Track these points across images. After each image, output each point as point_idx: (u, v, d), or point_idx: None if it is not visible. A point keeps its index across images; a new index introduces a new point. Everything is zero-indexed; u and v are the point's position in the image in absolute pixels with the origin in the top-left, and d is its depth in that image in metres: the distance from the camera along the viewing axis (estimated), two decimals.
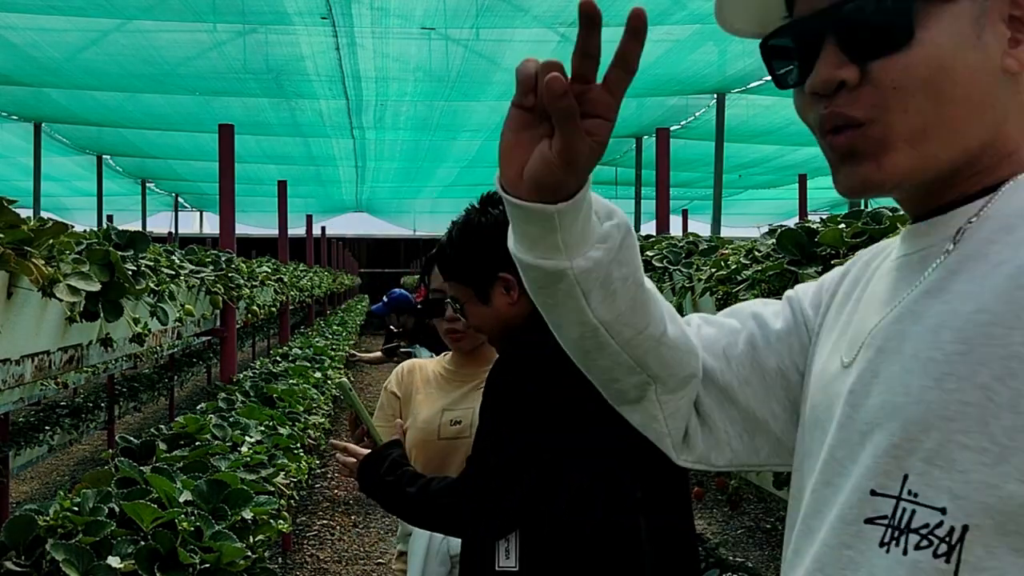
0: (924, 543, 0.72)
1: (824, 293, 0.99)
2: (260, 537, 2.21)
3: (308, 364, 5.84)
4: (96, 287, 2.18)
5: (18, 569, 1.82)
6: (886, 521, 0.75)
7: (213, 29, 6.94)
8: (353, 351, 8.46)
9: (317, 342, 7.43)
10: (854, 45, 0.79)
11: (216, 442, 2.95)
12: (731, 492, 3.59)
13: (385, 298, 8.05)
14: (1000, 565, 0.69)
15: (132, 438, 2.84)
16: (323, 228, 19.93)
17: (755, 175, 14.14)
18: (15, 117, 10.04)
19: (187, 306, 3.34)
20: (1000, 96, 0.79)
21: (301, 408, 4.17)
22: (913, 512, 0.73)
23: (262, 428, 3.36)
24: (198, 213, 23.13)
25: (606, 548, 1.75)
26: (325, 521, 6.39)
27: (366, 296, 21.63)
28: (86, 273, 2.14)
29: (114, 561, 1.82)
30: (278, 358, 6.07)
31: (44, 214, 8.70)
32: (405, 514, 1.97)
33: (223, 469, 2.55)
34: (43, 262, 1.95)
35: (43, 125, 10.31)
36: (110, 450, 2.77)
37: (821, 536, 0.81)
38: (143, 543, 1.91)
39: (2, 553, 1.86)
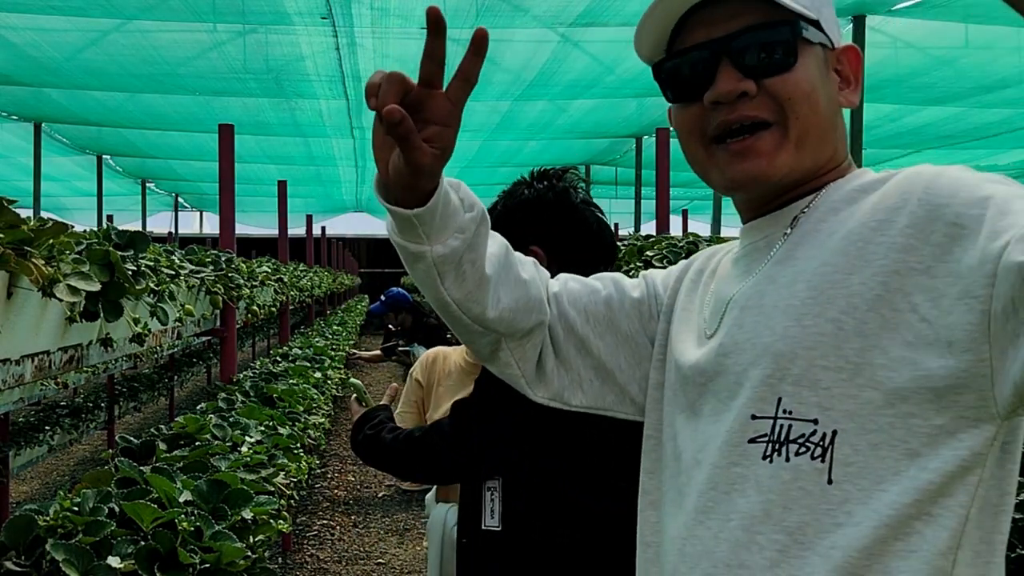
0: (802, 450, 0.91)
1: (671, 277, 1.21)
2: (260, 537, 2.21)
3: (308, 364, 5.84)
4: (96, 287, 2.18)
5: (18, 569, 1.82)
6: (766, 438, 0.93)
7: (213, 29, 6.94)
8: (353, 350, 8.47)
9: (317, 342, 7.43)
10: (749, 66, 1.00)
11: (216, 442, 2.95)
12: None
13: (383, 296, 8.04)
14: (863, 459, 0.88)
15: (132, 438, 2.84)
16: (323, 228, 19.93)
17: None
18: (15, 117, 10.04)
19: (187, 306, 3.34)
20: (838, 121, 1.05)
21: (301, 408, 4.17)
22: (790, 426, 0.92)
23: (262, 428, 3.36)
24: (198, 213, 23.13)
25: (586, 527, 1.83)
26: (325, 521, 6.40)
27: (366, 296, 21.63)
28: (86, 273, 2.14)
29: (114, 561, 1.82)
30: (278, 358, 6.07)
31: (44, 214, 8.70)
32: (384, 460, 2.22)
33: (223, 469, 2.55)
34: (43, 262, 1.95)
35: (43, 125, 10.31)
36: (110, 450, 2.77)
37: (711, 460, 0.98)
38: (143, 543, 1.91)
39: (2, 553, 1.86)
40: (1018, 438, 0.93)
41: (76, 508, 2.00)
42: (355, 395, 2.46)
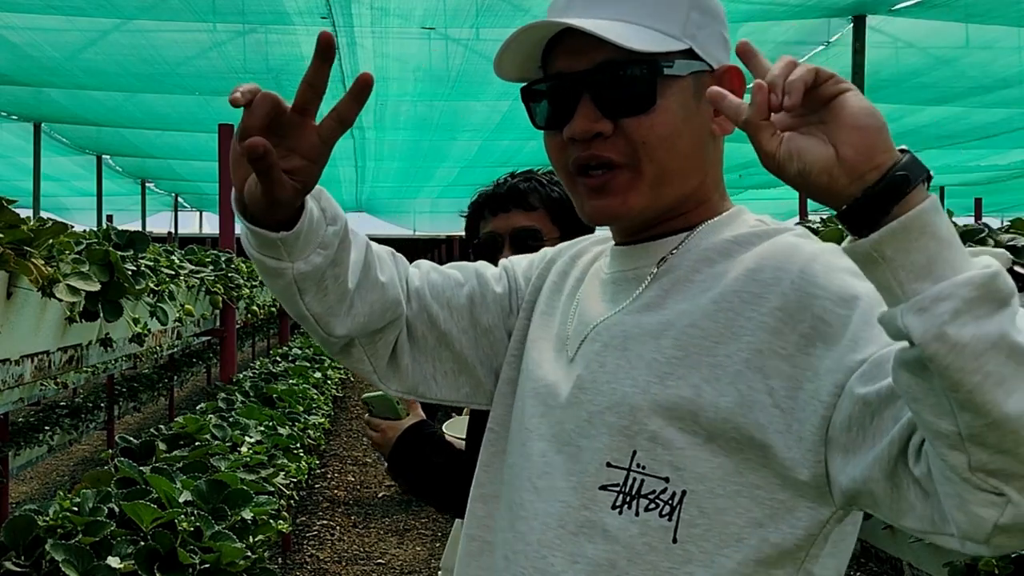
0: (652, 506, 0.92)
1: (532, 271, 1.21)
2: (260, 537, 2.21)
3: (308, 364, 5.84)
4: (96, 287, 2.18)
5: (18, 569, 1.82)
6: (618, 488, 0.94)
7: (213, 29, 6.94)
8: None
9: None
10: (608, 105, 0.98)
11: (216, 442, 2.94)
12: None
13: None
14: (708, 522, 0.91)
15: (132, 438, 2.84)
16: None
17: (755, 175, 14.14)
18: (15, 117, 10.04)
19: (187, 306, 3.34)
20: (707, 152, 1.03)
21: (301, 408, 4.16)
22: (642, 481, 0.93)
23: (262, 428, 3.36)
24: (198, 213, 23.12)
25: None
26: (325, 521, 6.39)
27: None
28: (86, 273, 2.14)
29: (114, 561, 1.82)
30: (278, 358, 6.07)
31: (44, 214, 8.70)
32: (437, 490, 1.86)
33: (223, 469, 2.54)
34: (43, 262, 1.94)
35: (43, 125, 10.30)
36: (110, 450, 2.77)
37: (560, 498, 0.98)
38: (143, 543, 1.91)
39: (2, 553, 1.86)
40: (855, 519, 0.99)
41: (76, 508, 2.00)
42: (374, 408, 1.95)
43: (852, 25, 6.53)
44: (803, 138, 0.77)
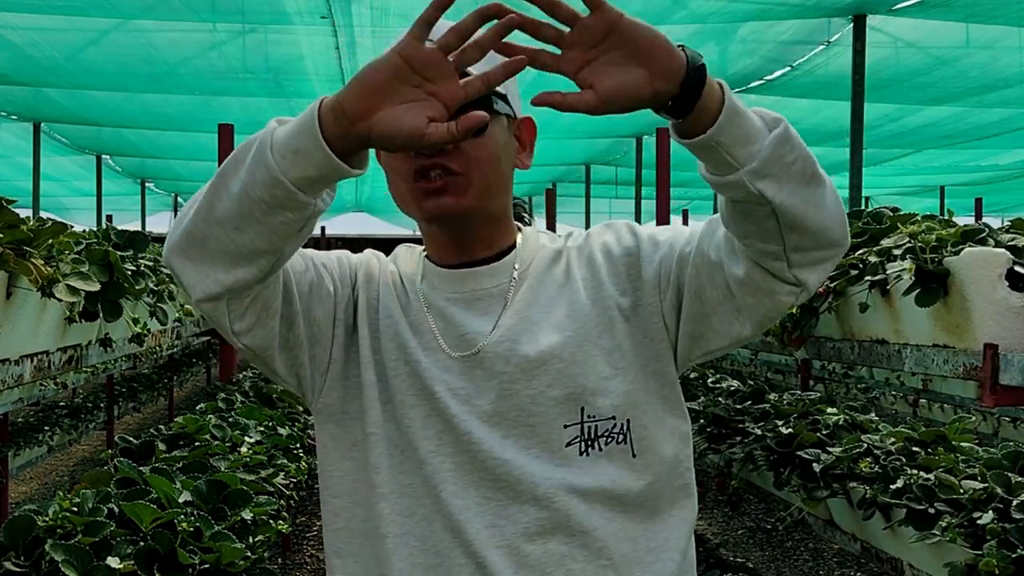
0: (610, 439, 1.20)
1: (347, 276, 1.31)
2: (260, 537, 2.21)
3: None
4: (95, 287, 2.18)
5: (17, 569, 1.82)
6: (579, 439, 1.20)
7: (213, 29, 6.94)
8: None
9: None
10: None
11: (216, 442, 2.94)
12: (731, 492, 3.59)
13: None
14: (649, 433, 1.22)
15: (131, 438, 2.83)
16: (323, 228, 19.93)
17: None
18: (15, 117, 10.04)
19: (186, 306, 3.34)
20: (511, 178, 1.29)
21: (301, 408, 4.16)
22: (596, 426, 1.20)
23: (262, 428, 3.36)
24: None
25: None
26: None
27: None
28: (85, 273, 2.14)
29: (113, 562, 1.82)
30: None
31: (43, 214, 8.70)
32: None
33: (223, 469, 2.54)
34: (42, 262, 1.94)
35: (42, 125, 10.30)
36: (109, 450, 2.77)
37: (537, 464, 1.19)
38: (142, 543, 1.90)
39: (1, 553, 1.86)
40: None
41: (75, 508, 2.00)
42: None
43: (852, 25, 6.53)
44: (611, 69, 0.99)
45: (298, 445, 3.45)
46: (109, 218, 14.45)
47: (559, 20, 0.99)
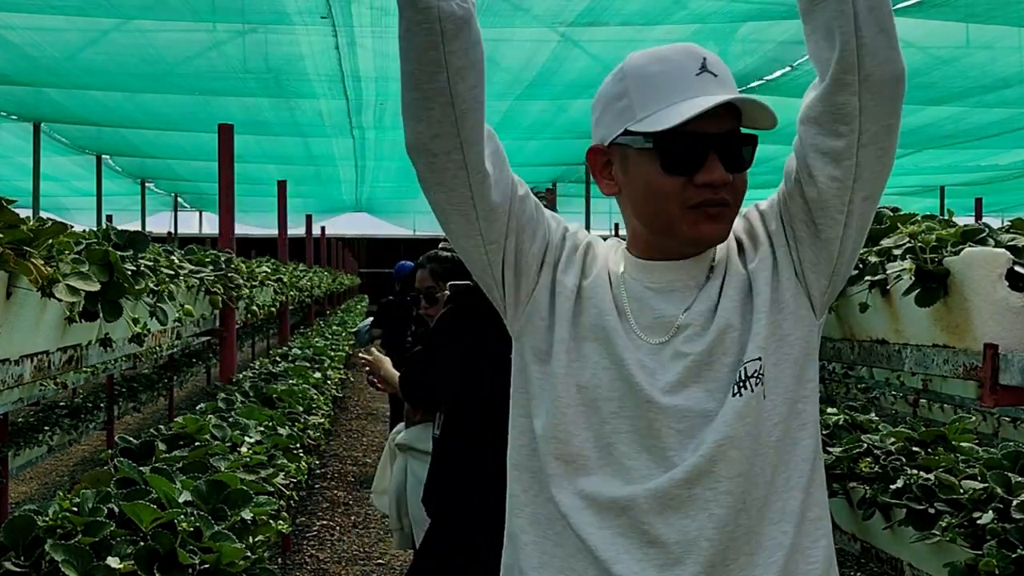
0: (756, 381, 1.34)
1: (559, 246, 1.48)
2: (260, 538, 2.21)
3: (308, 364, 5.83)
4: (95, 287, 2.18)
5: (17, 570, 1.82)
6: (735, 381, 1.35)
7: (213, 29, 6.93)
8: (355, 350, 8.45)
9: (317, 342, 7.42)
10: (728, 162, 1.37)
11: (216, 442, 2.94)
12: None
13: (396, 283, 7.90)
14: (772, 377, 1.35)
15: (131, 438, 2.83)
16: (323, 228, 19.93)
17: (755, 175, 14.11)
18: (15, 117, 10.03)
19: (186, 306, 3.33)
20: None
21: (301, 408, 4.17)
22: (746, 369, 1.34)
23: (262, 428, 3.36)
24: (198, 213, 23.11)
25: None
26: (325, 522, 6.39)
27: (366, 296, 21.61)
28: (85, 273, 2.14)
29: (113, 562, 1.82)
30: (278, 358, 6.06)
31: (43, 214, 8.69)
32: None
33: (222, 469, 2.54)
34: (42, 262, 1.94)
35: (42, 125, 10.29)
36: (109, 450, 2.77)
37: (698, 406, 1.35)
38: (142, 543, 1.90)
39: (1, 553, 1.86)
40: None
41: (75, 508, 2.00)
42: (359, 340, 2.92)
43: None
44: None
45: (298, 445, 3.45)
46: (109, 218, 14.44)
47: None
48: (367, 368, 3.50)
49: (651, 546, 1.32)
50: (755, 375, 1.34)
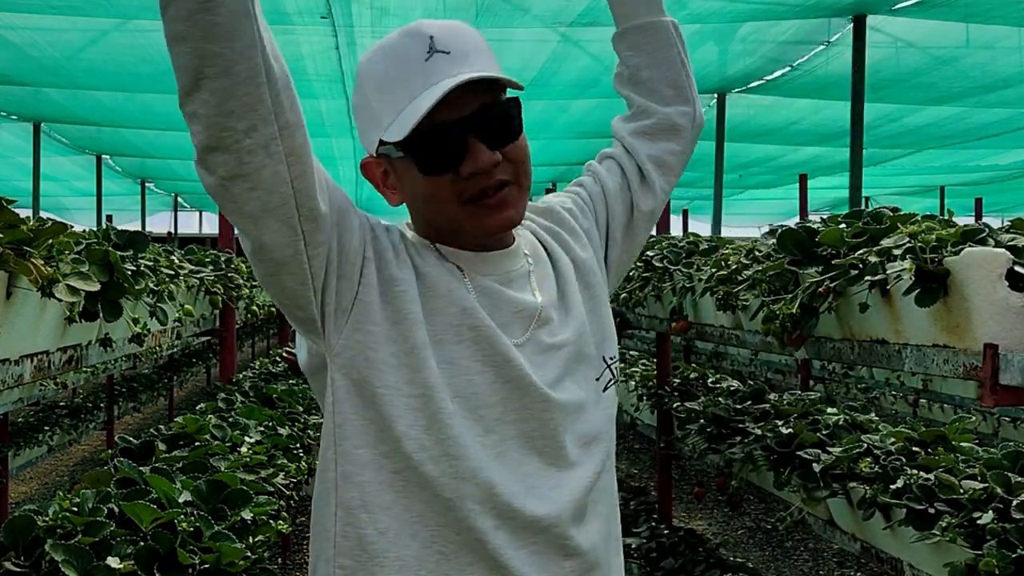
0: (617, 374, 1.39)
1: (371, 245, 1.30)
2: (260, 538, 2.21)
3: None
4: (95, 287, 2.18)
5: (17, 569, 1.82)
6: (605, 378, 1.37)
7: None
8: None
9: None
10: (493, 139, 1.24)
11: (216, 442, 2.94)
12: (731, 492, 3.59)
13: None
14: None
15: (131, 438, 2.83)
16: None
17: (755, 175, 14.13)
18: (15, 117, 10.03)
19: (186, 306, 3.33)
20: None
21: (301, 408, 4.16)
22: (611, 368, 1.38)
23: (262, 428, 3.36)
24: (197, 213, 23.11)
25: None
26: None
27: None
28: (85, 273, 2.14)
29: (113, 562, 1.82)
30: (277, 358, 6.06)
31: (43, 214, 8.69)
32: None
33: (223, 469, 2.54)
34: (42, 262, 1.94)
35: (42, 125, 10.30)
36: (109, 450, 2.77)
37: (583, 415, 1.32)
38: (142, 543, 1.90)
39: (1, 553, 1.86)
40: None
41: (75, 508, 2.00)
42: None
43: (852, 25, 6.52)
44: None
45: (298, 445, 3.45)
46: (109, 218, 14.43)
47: None
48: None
49: (567, 559, 1.26)
50: (614, 369, 1.38)
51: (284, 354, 3.84)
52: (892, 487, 2.59)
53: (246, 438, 3.09)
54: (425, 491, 1.22)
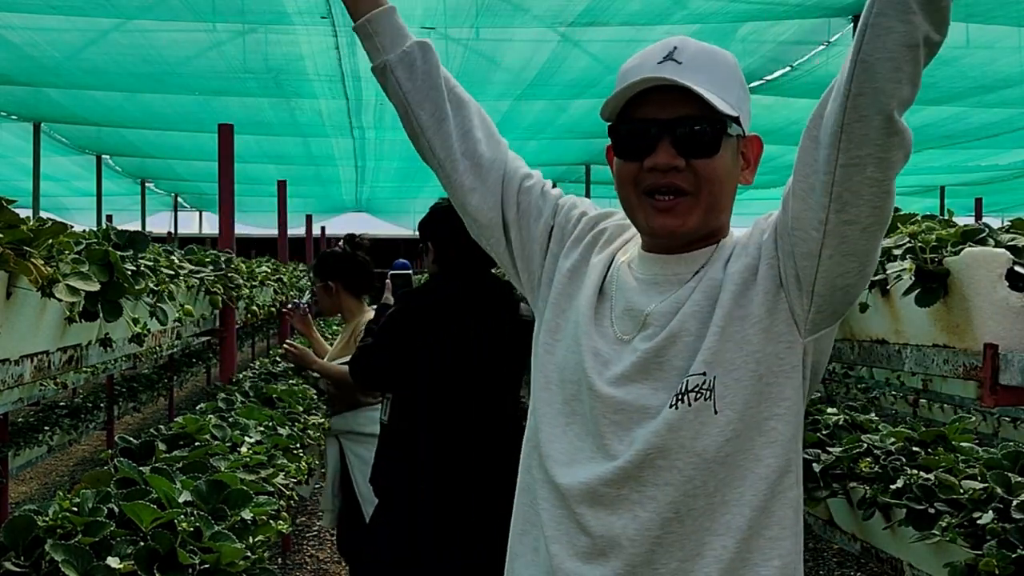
0: (697, 396, 1.34)
1: (573, 223, 1.58)
2: (260, 537, 2.21)
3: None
4: (95, 287, 2.17)
5: (17, 570, 1.82)
6: (676, 392, 1.35)
7: (213, 29, 6.93)
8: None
9: None
10: (683, 147, 1.36)
11: (216, 442, 2.94)
12: None
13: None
14: (727, 392, 1.34)
15: (131, 438, 2.83)
16: (323, 228, 19.92)
17: (759, 175, 14.12)
18: (15, 117, 10.03)
19: (186, 306, 3.33)
20: (734, 194, 1.46)
21: (301, 408, 4.16)
22: (687, 382, 1.34)
23: (262, 428, 3.35)
24: (198, 213, 23.10)
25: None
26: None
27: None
28: (85, 273, 2.14)
29: (113, 562, 1.82)
30: (277, 358, 6.06)
31: (43, 214, 8.69)
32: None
33: (223, 469, 2.54)
34: (42, 262, 1.94)
35: (43, 125, 10.29)
36: (109, 450, 2.77)
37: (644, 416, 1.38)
38: (142, 543, 1.90)
39: (1, 553, 1.86)
40: (820, 358, 1.42)
41: (75, 508, 2.00)
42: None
43: (852, 25, 6.52)
44: None
45: (298, 445, 3.45)
46: (109, 218, 14.44)
47: None
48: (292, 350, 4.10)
49: (582, 534, 1.39)
50: (696, 389, 1.33)
51: (287, 347, 3.89)
52: (892, 487, 2.59)
53: (246, 438, 3.09)
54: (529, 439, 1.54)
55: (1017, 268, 1.81)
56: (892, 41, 1.20)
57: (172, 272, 3.12)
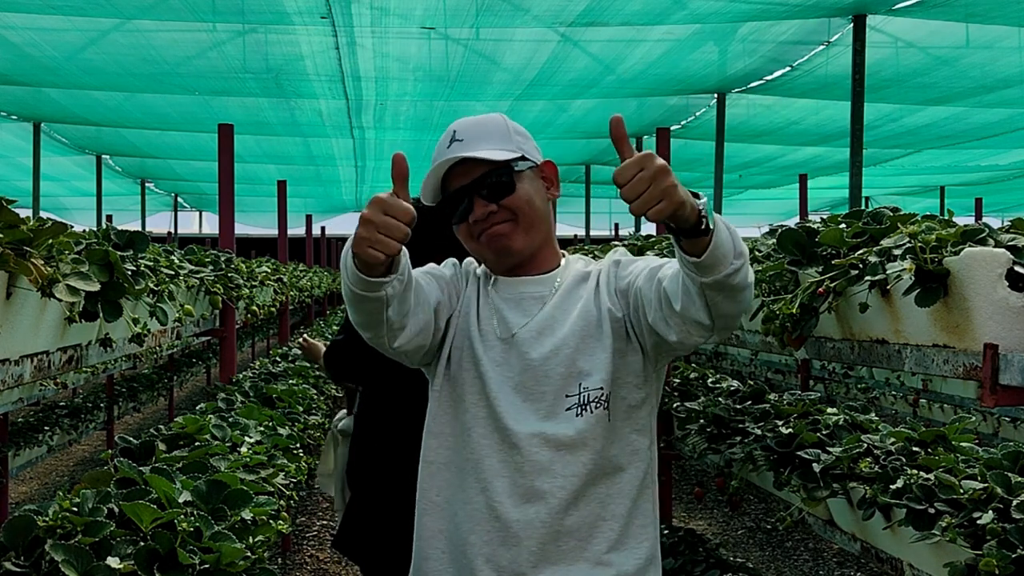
0: (597, 405, 1.71)
1: (461, 280, 1.88)
2: (260, 538, 2.21)
3: (308, 364, 5.82)
4: (95, 287, 2.17)
5: (17, 570, 1.82)
6: (575, 403, 1.71)
7: (213, 29, 6.94)
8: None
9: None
10: (490, 195, 1.76)
11: (216, 442, 2.94)
12: (731, 492, 3.58)
13: None
14: (618, 406, 1.74)
15: (131, 438, 2.83)
16: (323, 228, 19.93)
17: (755, 175, 14.13)
18: (14, 117, 10.04)
19: (186, 306, 3.33)
20: (548, 210, 1.84)
21: (301, 408, 4.16)
22: (588, 394, 1.71)
23: (262, 428, 3.36)
24: (197, 213, 23.12)
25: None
26: (325, 521, 6.39)
27: None
28: (85, 273, 2.14)
29: (113, 562, 1.82)
30: (278, 358, 6.06)
31: (43, 214, 8.69)
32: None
33: (223, 469, 2.54)
34: (42, 262, 1.94)
35: (42, 125, 10.30)
36: (109, 450, 2.77)
37: (533, 420, 1.72)
38: (142, 544, 1.90)
39: (1, 553, 1.86)
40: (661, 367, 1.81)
41: (75, 508, 2.00)
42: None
43: (852, 25, 6.52)
44: (655, 199, 1.45)
45: (298, 445, 3.45)
46: (109, 218, 14.44)
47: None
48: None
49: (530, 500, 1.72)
50: (596, 401, 1.70)
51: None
52: (892, 487, 2.59)
53: (246, 438, 3.09)
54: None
55: (1017, 268, 1.81)
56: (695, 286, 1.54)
57: (172, 272, 3.12)
